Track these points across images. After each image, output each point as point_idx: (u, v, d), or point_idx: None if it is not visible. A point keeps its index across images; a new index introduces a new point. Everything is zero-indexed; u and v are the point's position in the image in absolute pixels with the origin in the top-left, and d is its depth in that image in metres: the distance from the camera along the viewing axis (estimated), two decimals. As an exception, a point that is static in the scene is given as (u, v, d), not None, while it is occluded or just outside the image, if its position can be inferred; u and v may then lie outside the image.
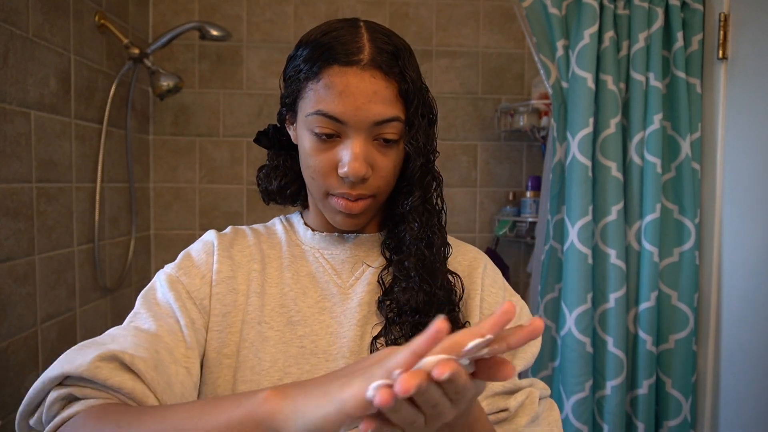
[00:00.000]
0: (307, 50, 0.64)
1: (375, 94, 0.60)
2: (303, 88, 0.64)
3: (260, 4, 1.90)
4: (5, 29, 1.14)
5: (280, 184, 0.74)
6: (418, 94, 0.63)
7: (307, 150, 0.65)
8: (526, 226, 1.80)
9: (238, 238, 0.73)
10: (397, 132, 0.63)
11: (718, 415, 1.26)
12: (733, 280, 1.23)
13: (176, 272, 0.67)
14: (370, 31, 0.64)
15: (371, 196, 0.66)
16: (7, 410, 1.16)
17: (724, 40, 1.25)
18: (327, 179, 0.65)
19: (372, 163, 0.64)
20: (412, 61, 0.64)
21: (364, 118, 0.61)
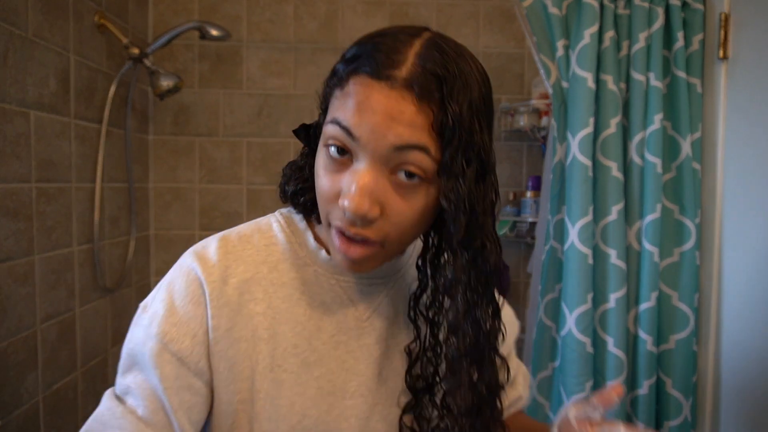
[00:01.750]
0: (350, 52, 0.54)
1: (400, 114, 0.49)
2: (331, 93, 0.55)
3: (260, 4, 1.90)
4: (5, 29, 1.14)
5: (295, 189, 0.63)
6: (462, 134, 0.50)
7: (318, 165, 0.55)
8: (527, 226, 1.80)
9: (230, 267, 0.60)
10: (422, 167, 0.51)
11: (718, 415, 1.26)
12: (733, 280, 1.22)
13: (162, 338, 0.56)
14: (426, 45, 0.51)
15: (377, 243, 0.54)
16: (7, 410, 1.16)
17: (725, 40, 1.25)
18: (329, 205, 0.54)
19: (383, 202, 0.52)
20: (465, 95, 0.51)
21: (380, 138, 0.50)
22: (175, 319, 0.57)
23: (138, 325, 0.59)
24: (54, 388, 1.33)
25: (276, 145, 1.93)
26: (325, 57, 1.92)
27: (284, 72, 1.92)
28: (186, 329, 0.56)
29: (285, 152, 1.94)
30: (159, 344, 0.55)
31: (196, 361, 0.57)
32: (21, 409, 1.21)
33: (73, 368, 1.42)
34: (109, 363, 1.63)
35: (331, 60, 0.57)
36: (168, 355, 0.55)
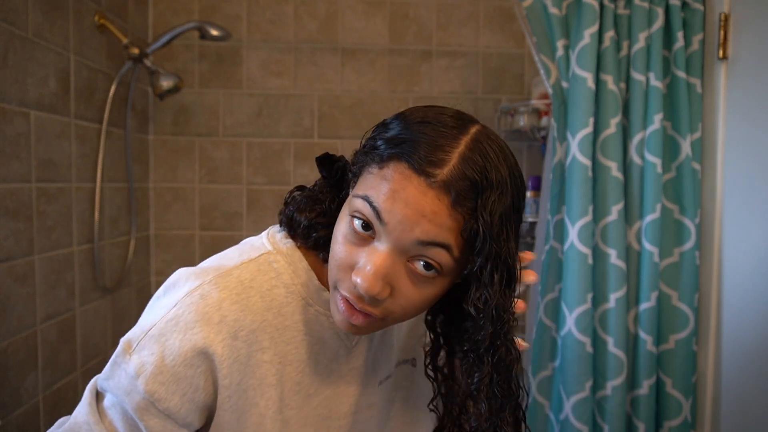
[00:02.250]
0: (395, 130, 0.53)
1: (433, 214, 0.50)
2: (368, 164, 0.54)
3: (260, 4, 1.90)
4: (5, 29, 1.14)
5: (309, 221, 0.62)
6: (491, 243, 0.51)
7: (339, 233, 0.55)
8: (526, 226, 1.80)
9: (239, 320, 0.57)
10: (441, 263, 0.52)
11: (718, 415, 1.26)
12: (733, 280, 1.22)
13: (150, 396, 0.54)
14: (470, 146, 0.51)
15: (379, 318, 0.55)
16: (7, 410, 1.16)
17: (725, 40, 1.25)
18: (341, 274, 0.55)
19: (394, 285, 0.53)
20: (499, 206, 0.51)
21: (407, 231, 0.50)
22: (164, 378, 0.54)
23: (121, 368, 0.55)
24: (54, 388, 1.33)
25: (276, 145, 1.93)
26: (325, 57, 1.92)
27: (284, 72, 1.92)
28: (175, 388, 0.54)
29: (285, 152, 1.94)
30: (145, 401, 0.54)
31: (184, 416, 0.56)
32: (21, 409, 1.21)
33: (73, 368, 1.42)
34: (109, 363, 1.63)
35: (331, 60, 0.57)
36: (154, 411, 0.54)
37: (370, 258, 0.52)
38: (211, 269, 0.59)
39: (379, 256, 0.51)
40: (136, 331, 0.57)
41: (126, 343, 0.56)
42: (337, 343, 0.65)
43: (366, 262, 0.52)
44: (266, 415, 0.60)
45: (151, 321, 0.56)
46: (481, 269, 0.52)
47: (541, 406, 1.34)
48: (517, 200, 0.54)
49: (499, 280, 0.53)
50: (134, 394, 0.54)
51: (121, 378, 0.55)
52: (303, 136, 1.94)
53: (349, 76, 1.94)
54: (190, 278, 0.59)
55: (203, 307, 0.56)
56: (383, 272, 0.51)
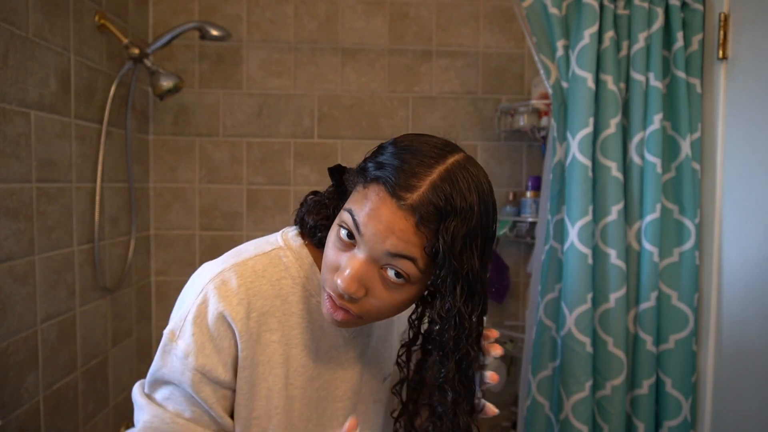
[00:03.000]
0: (383, 156, 0.62)
1: (400, 231, 0.58)
2: (357, 182, 0.64)
3: (260, 4, 1.90)
4: (5, 29, 1.14)
5: (315, 222, 0.72)
6: (452, 260, 0.59)
7: (330, 238, 0.65)
8: (526, 226, 1.80)
9: (251, 303, 0.68)
10: (408, 273, 0.60)
11: (718, 415, 1.26)
12: (733, 280, 1.23)
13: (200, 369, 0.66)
14: (442, 177, 0.59)
15: (357, 315, 0.64)
16: (7, 410, 1.16)
17: (724, 40, 1.25)
18: (328, 274, 0.64)
19: (369, 287, 0.62)
20: (461, 228, 0.59)
21: (379, 243, 0.59)
22: (207, 352, 0.66)
23: (171, 354, 0.67)
24: (54, 387, 1.34)
25: (276, 145, 1.93)
26: (325, 57, 1.92)
27: (284, 72, 1.92)
28: (217, 359, 0.66)
29: (285, 152, 1.94)
30: (197, 375, 0.66)
31: (228, 381, 0.68)
32: (21, 408, 1.21)
33: (73, 368, 1.42)
34: (110, 363, 1.63)
35: (331, 60, 0.60)
36: (206, 380, 0.66)
37: (349, 263, 0.61)
38: (230, 259, 0.70)
39: (357, 262, 0.61)
40: (175, 320, 0.67)
41: (170, 333, 0.67)
42: (335, 332, 0.75)
43: (346, 265, 0.62)
44: (274, 390, 0.70)
45: (186, 308, 0.67)
46: (443, 281, 0.61)
47: (541, 406, 1.34)
48: (484, 225, 0.62)
49: (460, 292, 0.61)
50: (187, 372, 0.65)
51: (173, 362, 0.66)
52: (303, 136, 1.94)
53: (349, 76, 1.94)
54: (213, 267, 0.70)
55: (224, 291, 0.67)
56: (359, 275, 0.61)
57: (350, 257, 0.62)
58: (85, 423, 1.48)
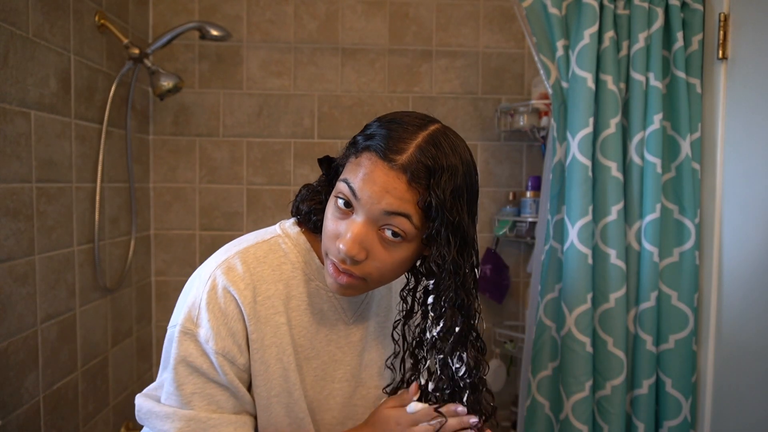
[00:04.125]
0: (371, 129, 0.68)
1: (394, 189, 0.64)
2: (349, 156, 0.69)
3: (260, 4, 1.90)
4: (5, 29, 1.14)
5: (309, 208, 0.77)
6: (444, 213, 0.64)
7: (329, 211, 0.70)
8: (526, 226, 1.80)
9: (257, 287, 0.73)
10: (404, 230, 0.65)
11: (718, 415, 1.26)
12: (733, 280, 1.23)
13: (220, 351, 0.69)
14: (427, 140, 0.65)
15: (360, 278, 0.68)
16: (7, 410, 1.16)
17: (724, 40, 1.25)
18: (329, 243, 0.69)
19: (369, 249, 0.67)
20: (449, 184, 0.65)
21: (375, 203, 0.64)
22: (224, 334, 0.70)
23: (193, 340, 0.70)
24: (54, 387, 1.34)
25: (276, 145, 1.93)
26: (325, 57, 1.92)
27: (284, 72, 1.92)
28: (233, 341, 0.70)
29: (285, 152, 1.94)
30: (220, 357, 0.69)
31: (244, 362, 0.72)
32: (21, 408, 1.21)
33: (73, 368, 1.42)
34: (110, 363, 1.63)
35: (331, 60, 0.62)
36: (228, 363, 0.70)
37: (349, 227, 0.66)
38: (232, 248, 0.75)
39: (356, 226, 0.66)
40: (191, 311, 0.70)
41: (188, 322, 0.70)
42: (335, 316, 0.79)
43: (346, 230, 0.66)
44: (289, 368, 0.74)
45: (197, 296, 0.71)
46: (437, 232, 0.66)
47: (541, 406, 1.34)
48: (469, 183, 0.68)
49: (454, 242, 0.67)
50: (210, 356, 0.69)
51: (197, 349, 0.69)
52: (303, 136, 1.94)
53: (349, 76, 1.94)
54: (218, 255, 0.74)
55: (232, 275, 0.71)
56: (360, 238, 0.65)
57: (349, 223, 0.66)
58: (85, 423, 1.48)
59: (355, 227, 0.66)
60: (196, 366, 0.69)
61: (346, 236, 0.66)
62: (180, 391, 0.69)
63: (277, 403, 0.75)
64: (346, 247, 0.65)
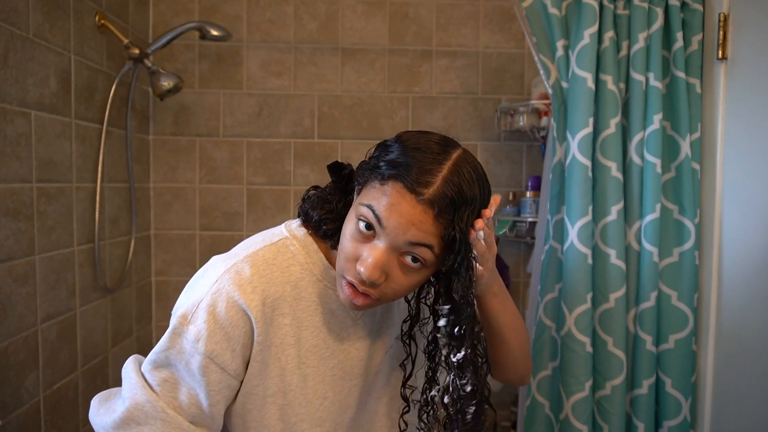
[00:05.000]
0: (393, 155, 0.68)
1: (420, 223, 0.65)
2: (372, 179, 0.69)
3: (260, 4, 1.90)
4: (5, 29, 1.14)
5: (320, 216, 0.78)
6: (465, 245, 0.67)
7: (347, 231, 0.70)
8: (526, 226, 1.80)
9: (266, 291, 0.73)
10: (425, 258, 0.67)
11: (718, 415, 1.26)
12: (733, 280, 1.23)
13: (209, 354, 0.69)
14: (451, 170, 0.67)
15: (376, 298, 0.70)
16: (7, 410, 1.16)
17: (724, 40, 1.25)
18: (347, 264, 0.70)
19: (389, 273, 0.68)
20: (470, 215, 0.67)
21: (400, 234, 0.66)
22: (218, 338, 0.69)
23: (182, 337, 0.70)
24: (54, 387, 1.34)
25: (276, 145, 1.94)
26: (325, 57, 1.92)
27: (284, 72, 1.92)
28: (227, 346, 0.70)
29: (285, 152, 1.94)
30: (206, 359, 0.69)
31: (235, 368, 0.72)
32: (21, 408, 1.21)
33: (73, 368, 1.42)
34: (110, 363, 1.63)
35: (331, 60, 0.62)
36: (214, 366, 0.69)
37: (371, 252, 0.67)
38: (241, 252, 0.75)
39: (378, 251, 0.67)
40: (187, 307, 0.71)
41: (182, 317, 0.70)
42: (343, 314, 0.80)
43: (368, 255, 0.67)
44: (287, 368, 0.75)
45: (198, 295, 0.71)
46: (459, 265, 0.68)
47: (541, 406, 1.34)
48: (485, 202, 0.70)
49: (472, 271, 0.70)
50: (196, 356, 0.69)
51: (183, 344, 0.69)
52: (303, 136, 1.94)
53: (349, 76, 1.94)
54: (226, 260, 0.74)
55: (239, 280, 0.71)
56: (381, 264, 0.67)
57: (371, 247, 0.67)
58: (85, 423, 1.48)
59: (377, 253, 0.67)
60: (177, 362, 0.70)
61: (367, 261, 0.67)
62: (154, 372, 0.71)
63: (272, 403, 0.76)
64: (368, 272, 0.66)
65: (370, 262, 0.66)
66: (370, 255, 0.67)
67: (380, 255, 0.66)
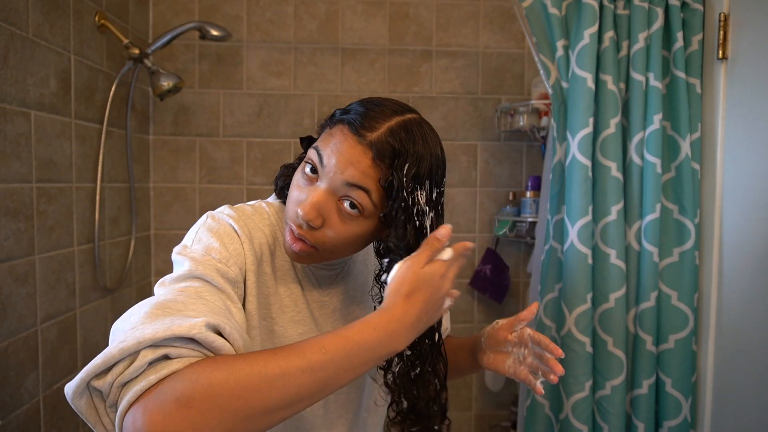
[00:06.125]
0: (350, 106, 0.71)
1: (358, 163, 0.66)
2: (324, 127, 0.72)
3: (260, 4, 1.90)
4: (5, 29, 1.14)
5: (284, 183, 0.80)
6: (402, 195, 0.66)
7: (295, 179, 0.72)
8: (526, 226, 1.80)
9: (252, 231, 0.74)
10: (362, 204, 0.67)
11: (718, 415, 1.26)
12: (733, 280, 1.23)
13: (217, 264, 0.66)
14: (400, 124, 0.68)
15: (312, 246, 0.70)
16: (7, 410, 1.16)
17: (724, 40, 1.25)
18: (290, 208, 0.71)
19: (326, 217, 0.68)
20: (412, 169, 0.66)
21: (338, 173, 0.66)
22: (226, 253, 0.68)
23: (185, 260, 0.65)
24: (54, 387, 1.34)
25: (276, 145, 1.93)
26: (325, 57, 1.92)
27: (284, 72, 1.92)
28: (234, 261, 0.68)
29: (285, 152, 1.94)
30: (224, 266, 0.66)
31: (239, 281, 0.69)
32: (21, 408, 1.21)
33: (73, 368, 1.42)
34: (110, 363, 1.63)
35: (331, 60, 0.62)
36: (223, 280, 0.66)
37: (310, 193, 0.68)
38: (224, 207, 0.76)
39: (317, 193, 0.68)
40: (184, 241, 0.70)
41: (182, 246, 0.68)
42: (312, 289, 0.80)
43: (307, 196, 0.68)
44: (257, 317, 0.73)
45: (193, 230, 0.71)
46: (395, 213, 0.67)
47: (541, 406, 1.34)
48: (434, 175, 0.70)
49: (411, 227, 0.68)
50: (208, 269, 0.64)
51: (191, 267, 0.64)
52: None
53: (349, 76, 1.94)
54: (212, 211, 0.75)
55: (228, 218, 0.73)
56: (318, 204, 0.67)
57: (311, 190, 0.68)
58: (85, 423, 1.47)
59: (315, 194, 0.67)
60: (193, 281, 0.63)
61: (305, 201, 0.68)
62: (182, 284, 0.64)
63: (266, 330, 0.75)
64: (304, 212, 0.67)
65: (307, 202, 0.67)
66: (309, 197, 0.68)
67: (318, 196, 0.67)
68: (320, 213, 0.67)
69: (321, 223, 0.68)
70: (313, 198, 0.67)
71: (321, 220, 0.68)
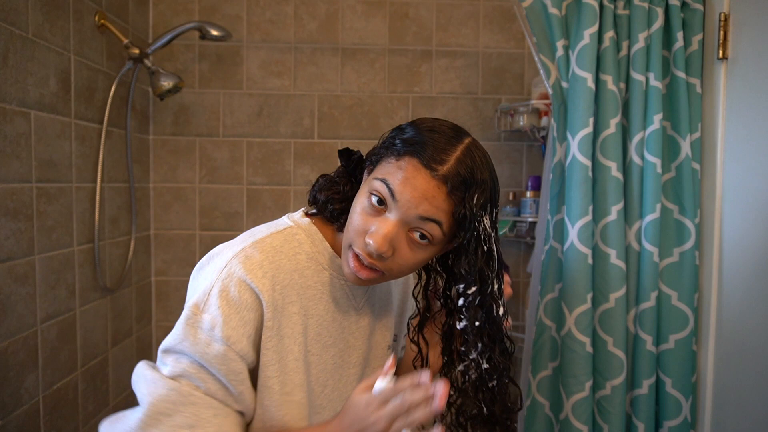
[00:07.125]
0: (409, 134, 0.71)
1: (433, 198, 0.67)
2: (387, 156, 0.71)
3: (260, 4, 1.90)
4: (5, 29, 1.14)
5: (326, 198, 0.80)
6: (473, 224, 0.69)
7: (358, 206, 0.72)
8: (526, 226, 1.80)
9: (275, 277, 0.73)
10: (433, 235, 0.69)
11: (718, 415, 1.26)
12: (733, 280, 1.22)
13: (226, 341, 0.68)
14: (464, 153, 0.69)
15: (380, 272, 0.72)
16: (7, 410, 1.16)
17: (724, 40, 1.25)
18: (356, 237, 0.71)
19: (396, 247, 0.70)
20: (480, 198, 0.69)
21: (413, 208, 0.67)
22: (233, 324, 0.68)
23: (196, 327, 0.68)
24: (54, 388, 1.34)
25: (276, 145, 1.93)
26: (325, 57, 1.92)
27: (284, 72, 1.92)
28: (242, 331, 0.69)
29: (285, 152, 1.94)
30: (224, 347, 0.67)
31: (251, 356, 0.71)
32: (21, 409, 1.21)
33: (73, 368, 1.42)
34: (110, 363, 1.63)
35: (331, 60, 0.62)
36: (232, 353, 0.68)
37: (381, 225, 0.69)
38: (248, 239, 0.75)
39: (389, 224, 0.68)
40: (198, 295, 0.70)
41: (194, 306, 0.69)
42: (347, 303, 0.82)
43: (378, 228, 0.69)
44: (299, 359, 0.75)
45: (209, 283, 0.70)
46: (468, 243, 0.70)
47: (541, 406, 1.34)
48: (493, 196, 0.73)
49: (481, 252, 0.71)
50: (214, 344, 0.67)
51: (198, 335, 0.68)
52: (303, 136, 1.94)
53: (349, 76, 1.94)
54: (233, 246, 0.74)
55: (249, 265, 0.70)
56: (390, 236, 0.68)
57: (381, 220, 0.69)
58: (85, 423, 1.48)
59: (387, 226, 0.68)
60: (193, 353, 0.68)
61: (377, 233, 0.68)
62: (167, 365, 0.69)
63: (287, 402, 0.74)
64: (377, 245, 0.67)
65: (380, 234, 0.68)
66: (380, 228, 0.68)
67: (391, 228, 0.68)
68: (392, 244, 0.69)
69: (391, 252, 0.70)
70: (385, 230, 0.68)
71: (392, 250, 0.69)
